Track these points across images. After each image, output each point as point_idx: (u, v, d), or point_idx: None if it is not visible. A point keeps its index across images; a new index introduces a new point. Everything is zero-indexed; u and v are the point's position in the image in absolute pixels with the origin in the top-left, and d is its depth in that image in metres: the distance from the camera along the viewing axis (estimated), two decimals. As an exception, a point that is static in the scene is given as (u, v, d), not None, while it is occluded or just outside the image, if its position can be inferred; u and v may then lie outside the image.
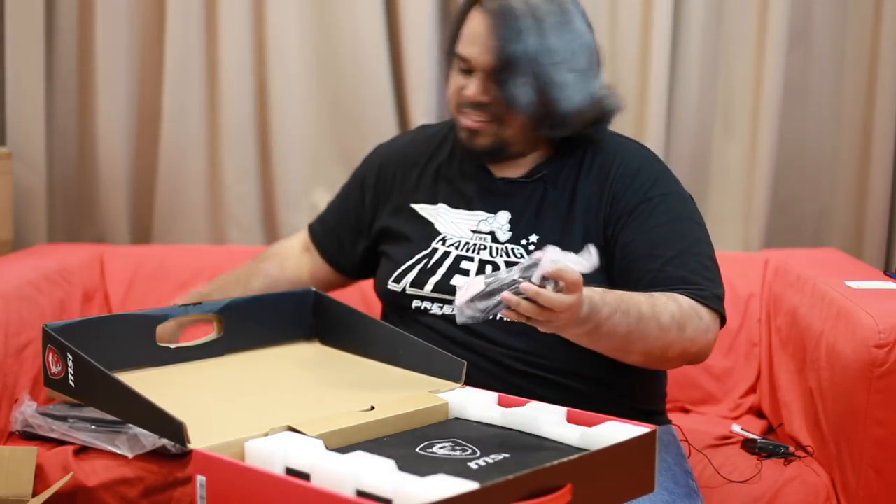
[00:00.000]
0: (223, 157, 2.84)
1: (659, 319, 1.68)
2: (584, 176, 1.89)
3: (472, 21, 1.86)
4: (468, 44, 1.85)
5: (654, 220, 1.82)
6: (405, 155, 2.06)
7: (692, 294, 1.75)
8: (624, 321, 1.63)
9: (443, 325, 1.87)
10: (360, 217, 2.10)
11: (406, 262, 1.93)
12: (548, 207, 1.88)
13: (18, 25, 2.79)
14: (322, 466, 1.32)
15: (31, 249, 2.72)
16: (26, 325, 2.18)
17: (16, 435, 2.10)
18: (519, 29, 1.80)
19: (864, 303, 2.01)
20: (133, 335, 1.73)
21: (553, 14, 1.82)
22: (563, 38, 1.82)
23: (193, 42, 2.83)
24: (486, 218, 1.91)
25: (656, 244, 1.81)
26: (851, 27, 2.85)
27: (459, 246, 1.91)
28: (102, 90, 2.82)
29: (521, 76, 1.80)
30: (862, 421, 1.91)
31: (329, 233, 2.15)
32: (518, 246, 1.87)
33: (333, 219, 2.15)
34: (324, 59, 2.86)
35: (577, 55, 1.83)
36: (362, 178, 2.11)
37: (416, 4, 2.79)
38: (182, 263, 2.63)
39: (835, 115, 2.89)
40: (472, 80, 1.86)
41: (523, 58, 1.79)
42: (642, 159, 1.91)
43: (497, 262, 1.86)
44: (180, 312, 1.80)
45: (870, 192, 2.86)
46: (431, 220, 1.96)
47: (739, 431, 2.23)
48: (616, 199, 1.85)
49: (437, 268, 1.90)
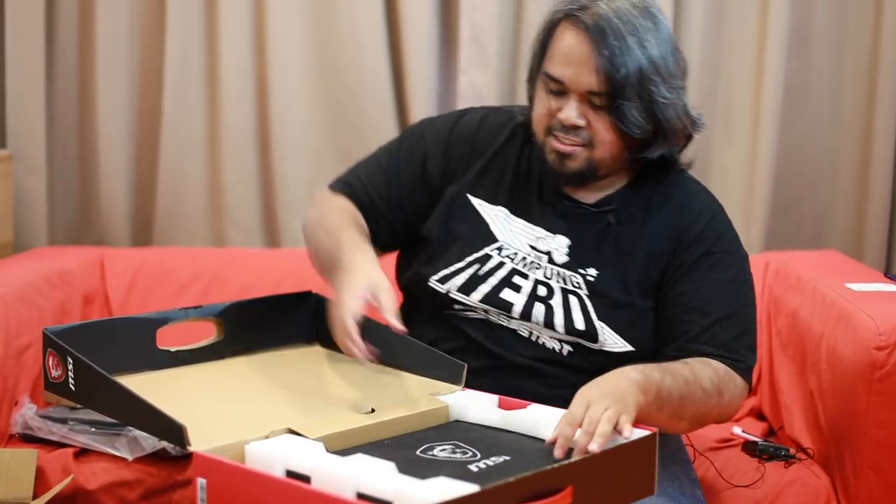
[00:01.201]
0: (223, 159, 2.84)
1: (701, 383, 1.65)
2: (653, 216, 1.80)
3: (564, 38, 1.71)
4: (563, 64, 1.70)
5: (713, 277, 1.77)
6: (474, 140, 1.88)
7: (730, 363, 1.72)
8: (675, 384, 1.60)
9: (476, 328, 1.80)
10: (413, 186, 1.88)
11: (455, 263, 1.81)
12: (609, 242, 1.79)
13: (19, 28, 2.79)
14: (322, 469, 1.32)
15: (32, 252, 2.72)
16: (26, 328, 2.18)
17: (16, 437, 2.10)
18: (623, 46, 1.66)
19: (864, 305, 2.01)
20: (133, 338, 1.73)
21: (646, 21, 1.70)
22: (660, 48, 1.70)
23: (194, 45, 2.82)
24: (545, 236, 1.80)
25: (709, 301, 1.75)
26: (851, 31, 2.85)
27: (516, 259, 1.80)
28: (103, 92, 2.82)
29: (629, 98, 1.68)
30: (862, 423, 1.91)
31: (372, 206, 1.89)
32: (575, 274, 1.78)
33: (378, 188, 1.89)
34: (324, 62, 2.85)
35: (673, 66, 1.72)
36: (412, 147, 1.90)
37: (416, 7, 2.79)
38: (182, 266, 2.63)
39: (835, 117, 2.89)
40: (567, 103, 1.71)
41: (632, 78, 1.67)
42: (714, 211, 1.83)
43: (551, 284, 1.77)
44: (181, 315, 1.79)
45: (870, 194, 2.86)
46: (488, 221, 1.83)
47: (740, 434, 2.22)
48: (681, 247, 1.78)
49: (489, 277, 1.79)
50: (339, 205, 1.88)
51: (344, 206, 1.88)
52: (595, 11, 1.69)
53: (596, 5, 1.70)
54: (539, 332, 1.77)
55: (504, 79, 2.85)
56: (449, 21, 2.87)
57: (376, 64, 2.82)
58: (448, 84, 2.89)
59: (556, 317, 1.75)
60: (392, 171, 1.89)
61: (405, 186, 1.88)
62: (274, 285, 2.42)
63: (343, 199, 1.90)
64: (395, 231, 1.89)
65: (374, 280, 1.63)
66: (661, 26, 1.72)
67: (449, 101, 2.88)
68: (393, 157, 1.91)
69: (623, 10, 1.69)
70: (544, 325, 1.76)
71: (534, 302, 1.76)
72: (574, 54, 1.69)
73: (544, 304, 1.76)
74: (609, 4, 1.69)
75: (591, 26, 1.67)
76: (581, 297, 1.76)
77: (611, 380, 1.55)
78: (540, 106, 1.76)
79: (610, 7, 1.69)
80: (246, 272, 2.61)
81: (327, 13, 2.83)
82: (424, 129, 1.92)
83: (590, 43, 1.67)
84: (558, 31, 1.73)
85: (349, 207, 1.88)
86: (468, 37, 2.80)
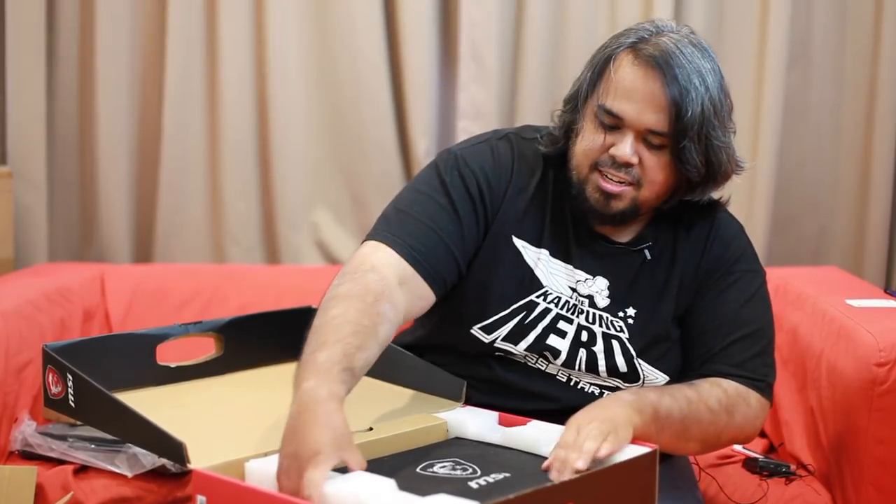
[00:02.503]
0: (223, 176, 2.85)
1: (707, 403, 1.63)
2: (682, 243, 1.75)
3: (628, 71, 1.62)
4: (624, 98, 1.61)
5: (731, 296, 1.74)
6: (517, 172, 1.74)
7: (747, 381, 1.70)
8: (675, 404, 1.59)
9: (513, 370, 1.73)
10: (475, 224, 1.70)
11: (500, 312, 1.70)
12: (644, 278, 1.74)
13: (20, 46, 2.80)
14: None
15: (32, 268, 2.72)
16: (26, 345, 2.18)
17: (15, 454, 2.10)
18: (690, 86, 1.59)
19: (864, 321, 2.01)
20: (133, 354, 1.73)
21: (705, 61, 1.63)
22: (717, 90, 1.64)
23: (194, 61, 2.83)
24: (584, 279, 1.73)
25: (727, 321, 1.73)
26: (850, 46, 2.86)
27: (559, 304, 1.72)
28: (103, 110, 2.83)
29: (690, 139, 1.61)
30: (863, 439, 1.90)
31: (429, 256, 1.65)
32: (616, 318, 1.72)
33: (430, 237, 1.66)
34: (324, 78, 2.86)
35: (727, 108, 1.67)
36: (463, 183, 1.70)
37: (416, 23, 2.80)
38: (182, 282, 2.63)
39: (834, 133, 2.90)
40: (622, 139, 1.62)
41: (695, 119, 1.60)
42: (736, 231, 1.80)
43: (594, 329, 1.71)
44: (181, 331, 1.79)
45: (869, 210, 2.86)
46: (532, 265, 1.72)
47: (741, 450, 2.22)
48: (705, 271, 1.75)
49: (536, 324, 1.70)
50: (366, 284, 1.56)
51: (372, 288, 1.56)
52: (660, 46, 1.61)
53: (660, 40, 1.63)
54: (578, 377, 1.73)
55: (504, 95, 2.85)
56: (449, 37, 2.87)
57: (376, 80, 2.83)
58: (448, 100, 2.90)
59: (600, 362, 1.72)
60: (455, 207, 1.69)
61: (467, 221, 1.70)
62: (274, 301, 2.42)
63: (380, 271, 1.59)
64: (460, 270, 1.70)
65: (340, 442, 1.36)
66: (715, 66, 1.65)
67: (449, 117, 2.89)
68: (448, 191, 1.70)
69: (685, 47, 1.62)
70: (586, 371, 1.72)
71: (578, 348, 1.72)
72: (638, 90, 1.61)
73: (587, 349, 1.72)
74: (671, 39, 1.63)
75: (659, 61, 1.60)
76: (623, 340, 1.72)
77: (603, 404, 1.55)
78: (589, 139, 1.66)
79: (673, 42, 1.62)
80: (246, 288, 2.61)
81: (327, 29, 2.84)
82: (467, 161, 1.72)
83: (658, 79, 1.60)
84: (618, 62, 1.63)
85: (377, 291, 1.55)
86: (468, 53, 2.81)
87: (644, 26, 1.67)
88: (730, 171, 1.71)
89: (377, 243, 1.64)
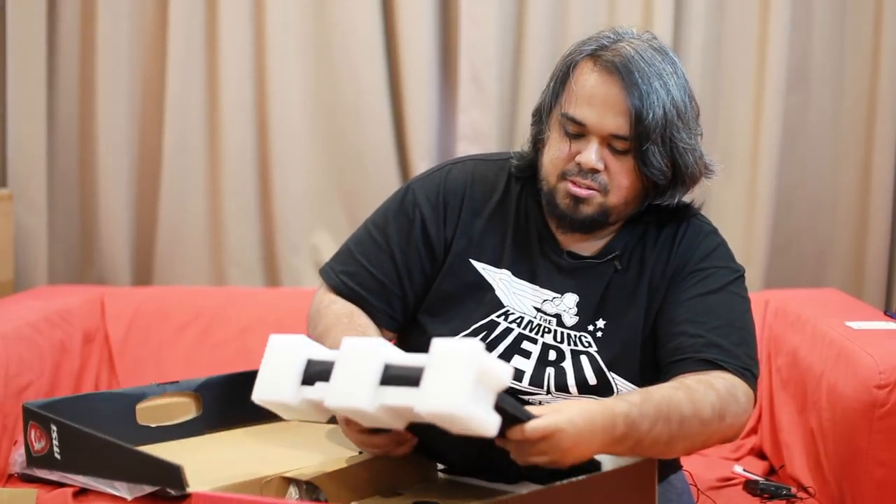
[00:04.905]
0: (224, 198, 2.85)
1: (701, 416, 1.54)
2: (650, 248, 1.75)
3: (588, 78, 1.65)
4: (586, 105, 1.64)
5: (699, 290, 1.70)
6: (468, 195, 1.78)
7: (736, 369, 1.62)
8: (667, 430, 1.51)
9: None
10: (418, 255, 1.78)
11: (462, 331, 1.72)
12: (614, 289, 1.74)
13: (20, 67, 2.81)
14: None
15: (32, 291, 2.72)
16: (26, 367, 2.18)
17: (15, 477, 2.09)
18: (650, 90, 1.62)
19: (864, 343, 2.01)
20: (112, 413, 1.75)
21: (666, 64, 1.66)
22: (680, 92, 1.66)
23: (194, 84, 2.84)
24: (551, 298, 1.73)
25: (700, 313, 1.67)
26: (849, 69, 2.87)
27: (522, 323, 1.73)
28: (103, 132, 2.83)
29: (654, 143, 1.63)
30: (863, 461, 1.90)
31: (382, 288, 1.78)
32: (585, 333, 1.72)
33: (384, 268, 1.78)
34: (324, 101, 2.87)
35: (691, 111, 1.68)
36: (407, 219, 1.78)
37: (416, 47, 2.81)
38: (182, 305, 2.63)
39: (834, 155, 2.90)
40: (586, 145, 1.65)
41: (657, 122, 1.62)
42: (706, 232, 1.78)
43: (562, 348, 1.71)
44: (157, 391, 1.80)
45: (869, 232, 2.86)
46: (493, 285, 1.74)
47: (741, 473, 2.22)
48: (676, 272, 1.73)
49: (497, 344, 1.72)
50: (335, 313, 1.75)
51: (342, 312, 1.74)
52: (619, 52, 1.64)
53: (619, 46, 1.65)
54: (548, 400, 1.70)
55: (504, 118, 2.86)
56: (449, 61, 2.88)
57: (376, 103, 2.83)
58: (448, 124, 2.90)
59: (569, 378, 1.70)
60: (391, 247, 1.78)
61: (410, 257, 1.77)
62: (274, 324, 2.42)
63: (340, 303, 1.77)
64: (407, 304, 1.78)
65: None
66: (678, 70, 1.68)
67: (449, 140, 2.90)
68: (388, 230, 1.79)
69: (645, 52, 1.65)
70: (556, 390, 1.70)
71: (545, 367, 1.71)
72: (599, 96, 1.63)
73: (555, 367, 1.71)
74: (631, 45, 1.65)
75: (618, 67, 1.62)
76: (591, 354, 1.72)
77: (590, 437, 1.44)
78: (555, 149, 1.69)
79: (633, 48, 1.65)
80: (246, 311, 2.61)
81: (327, 53, 2.85)
82: (416, 194, 1.80)
83: (617, 84, 1.62)
84: (579, 70, 1.67)
85: (348, 312, 1.75)
86: (468, 76, 2.82)
87: (605, 34, 1.70)
88: (698, 173, 1.72)
89: (325, 287, 1.80)
